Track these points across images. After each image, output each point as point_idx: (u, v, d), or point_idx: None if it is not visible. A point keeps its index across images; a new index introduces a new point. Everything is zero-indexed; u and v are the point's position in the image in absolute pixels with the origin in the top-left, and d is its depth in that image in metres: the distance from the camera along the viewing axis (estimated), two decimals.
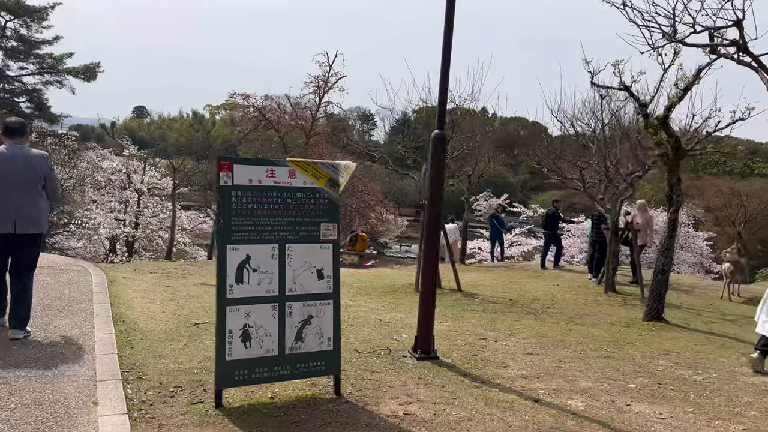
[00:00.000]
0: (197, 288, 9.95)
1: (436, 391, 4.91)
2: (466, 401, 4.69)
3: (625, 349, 6.90)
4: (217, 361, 4.34)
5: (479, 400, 4.75)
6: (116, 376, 4.82)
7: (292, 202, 4.61)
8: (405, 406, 4.55)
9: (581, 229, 30.06)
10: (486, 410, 4.51)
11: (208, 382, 4.92)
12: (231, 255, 4.39)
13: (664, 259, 8.75)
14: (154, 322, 6.93)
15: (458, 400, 4.71)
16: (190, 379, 4.97)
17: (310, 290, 4.65)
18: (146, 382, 4.80)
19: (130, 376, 4.93)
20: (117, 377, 4.80)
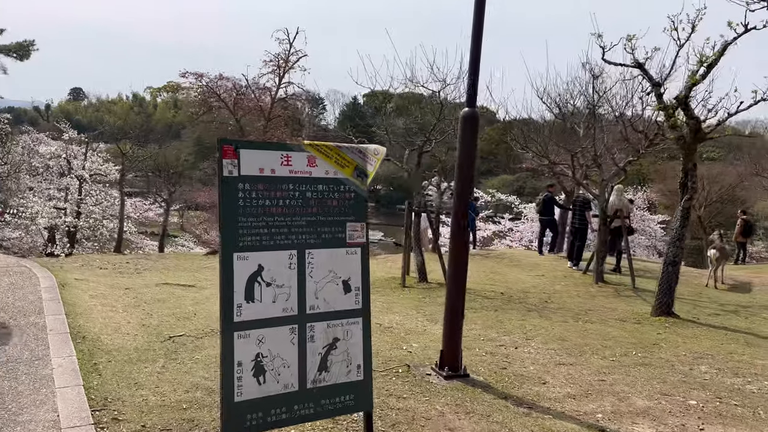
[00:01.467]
0: (161, 289, 8.81)
1: (483, 423, 4.09)
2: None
3: (655, 353, 6.27)
4: (223, 404, 3.37)
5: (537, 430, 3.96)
6: (86, 420, 3.78)
7: (312, 197, 3.66)
8: None
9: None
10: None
11: (203, 421, 3.94)
12: (239, 266, 3.42)
13: (675, 250, 8.19)
14: (121, 337, 5.84)
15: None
16: (179, 417, 3.98)
17: (334, 306, 3.73)
18: (125, 426, 3.79)
19: (103, 417, 3.90)
20: (87, 421, 3.77)
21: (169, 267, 13.24)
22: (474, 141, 4.85)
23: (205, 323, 6.69)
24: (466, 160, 4.84)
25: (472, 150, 4.85)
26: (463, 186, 4.86)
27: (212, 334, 6.18)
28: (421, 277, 10.79)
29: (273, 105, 21.84)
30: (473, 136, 4.84)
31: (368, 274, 3.84)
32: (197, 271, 12.46)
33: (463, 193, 4.85)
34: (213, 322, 6.77)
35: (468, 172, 4.85)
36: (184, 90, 25.50)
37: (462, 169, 4.85)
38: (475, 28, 4.72)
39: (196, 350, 5.59)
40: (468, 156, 4.84)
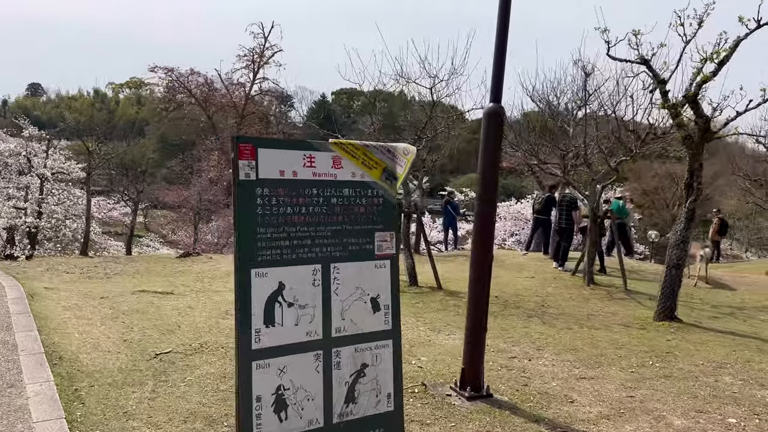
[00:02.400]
0: (138, 298, 8.19)
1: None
2: None
3: (672, 362, 5.98)
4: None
5: None
6: None
7: (337, 203, 3.20)
8: None
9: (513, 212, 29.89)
10: None
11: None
12: (257, 284, 2.94)
13: (679, 252, 7.96)
14: (102, 356, 5.27)
15: None
16: None
17: (362, 328, 3.28)
18: None
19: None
20: None
21: (140, 271, 12.56)
22: (499, 140, 4.45)
23: (192, 337, 6.14)
24: (490, 161, 4.43)
25: (496, 150, 4.45)
26: (487, 189, 4.45)
27: (202, 350, 5.65)
28: (411, 281, 10.39)
29: (247, 101, 21.14)
30: (498, 135, 4.44)
31: (398, 290, 3.40)
32: (171, 275, 11.80)
33: (488, 196, 4.44)
34: (200, 335, 6.23)
35: (492, 173, 4.44)
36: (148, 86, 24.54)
37: (486, 171, 4.44)
38: (502, 14, 4.32)
39: (188, 370, 5.06)
40: (492, 156, 4.43)
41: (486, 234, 4.48)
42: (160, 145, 49.24)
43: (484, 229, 4.48)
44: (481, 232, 4.49)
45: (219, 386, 4.69)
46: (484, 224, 4.48)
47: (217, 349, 5.75)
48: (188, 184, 29.64)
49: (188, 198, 28.32)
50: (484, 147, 4.42)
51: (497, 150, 4.45)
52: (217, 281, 10.70)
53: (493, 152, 4.42)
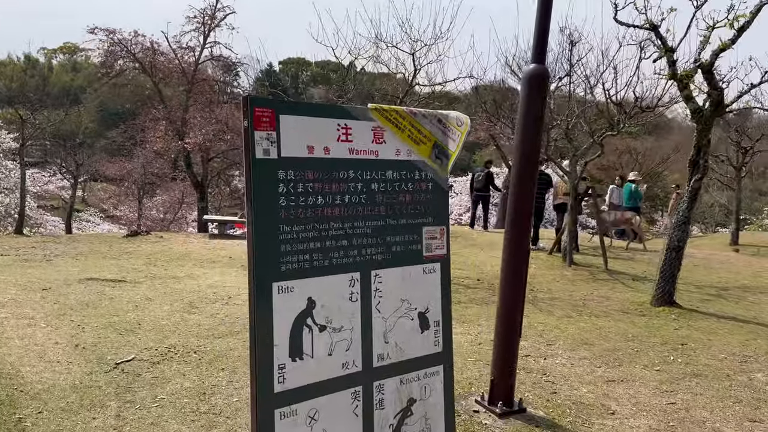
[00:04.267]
0: (86, 288, 7.17)
1: None
2: None
3: (692, 356, 5.51)
4: None
5: None
6: None
7: (379, 190, 2.41)
8: None
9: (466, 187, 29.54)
10: None
11: None
12: (281, 303, 2.14)
13: (680, 233, 7.51)
14: (50, 368, 4.34)
15: None
16: None
17: (409, 353, 2.53)
18: None
19: None
20: None
21: (84, 253, 11.37)
22: (542, 110, 3.72)
23: (156, 338, 5.25)
24: (530, 135, 3.70)
25: (538, 122, 3.72)
26: (525, 167, 3.72)
27: (171, 356, 4.78)
28: None
29: (197, 67, 19.69)
30: (541, 103, 3.70)
31: (450, 302, 2.65)
32: (120, 258, 10.70)
33: (526, 176, 3.72)
34: (166, 335, 5.35)
35: (532, 149, 3.72)
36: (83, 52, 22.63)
37: (524, 146, 3.71)
38: None
39: (157, 384, 4.20)
40: (532, 129, 3.70)
41: (522, 222, 3.77)
42: (99, 114, 46.40)
43: (521, 215, 3.77)
44: (516, 220, 3.78)
45: (198, 407, 3.87)
46: (520, 210, 3.76)
47: (188, 353, 4.89)
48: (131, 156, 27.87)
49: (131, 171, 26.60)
50: (523, 118, 3.68)
51: (539, 122, 3.71)
52: (172, 265, 9.70)
53: (534, 124, 3.69)
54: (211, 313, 6.25)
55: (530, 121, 3.68)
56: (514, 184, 3.75)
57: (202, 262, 10.11)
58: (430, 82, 9.15)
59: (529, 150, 3.71)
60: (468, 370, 4.80)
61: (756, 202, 31.90)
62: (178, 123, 18.61)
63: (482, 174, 15.61)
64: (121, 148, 31.63)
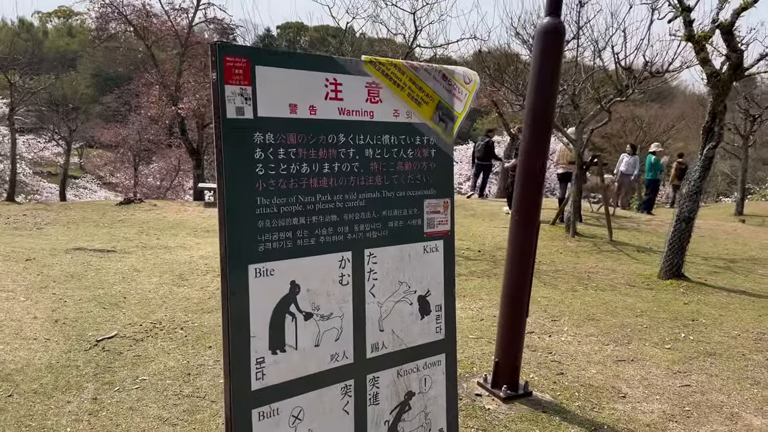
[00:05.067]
0: (72, 258, 6.90)
1: None
2: None
3: (705, 333, 5.26)
4: None
5: None
6: None
7: (374, 157, 2.09)
8: None
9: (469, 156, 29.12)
10: None
11: None
12: (259, 288, 1.84)
13: (692, 204, 7.20)
14: (26, 345, 4.08)
15: None
16: None
17: (407, 341, 2.24)
18: None
19: None
20: None
21: (76, 221, 11.10)
22: (557, 67, 3.37)
23: (141, 312, 4.99)
24: (543, 95, 3.36)
25: (553, 81, 3.37)
26: (537, 133, 3.40)
27: (155, 333, 4.53)
28: None
29: (191, 30, 19.08)
30: (556, 60, 3.35)
31: (454, 283, 2.35)
32: (112, 226, 10.42)
33: (538, 143, 3.39)
34: (152, 309, 5.09)
35: (545, 112, 3.38)
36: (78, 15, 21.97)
37: (536, 109, 3.37)
38: None
39: (139, 363, 3.95)
40: (548, 88, 3.36)
41: (533, 193, 3.46)
42: (94, 80, 45.59)
43: (531, 186, 3.45)
44: (525, 191, 3.46)
45: (182, 389, 3.61)
46: (530, 180, 3.45)
47: (174, 330, 4.63)
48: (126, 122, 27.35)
49: (126, 137, 26.13)
50: (535, 77, 3.34)
51: (553, 82, 3.37)
52: (164, 234, 9.42)
53: (548, 84, 3.34)
54: (201, 285, 5.98)
55: (544, 81, 3.33)
56: (524, 152, 3.43)
57: (196, 231, 9.83)
58: (431, 44, 8.72)
59: (542, 113, 3.37)
60: (469, 348, 4.55)
61: (759, 171, 31.51)
62: (172, 88, 18.12)
63: (482, 143, 15.50)
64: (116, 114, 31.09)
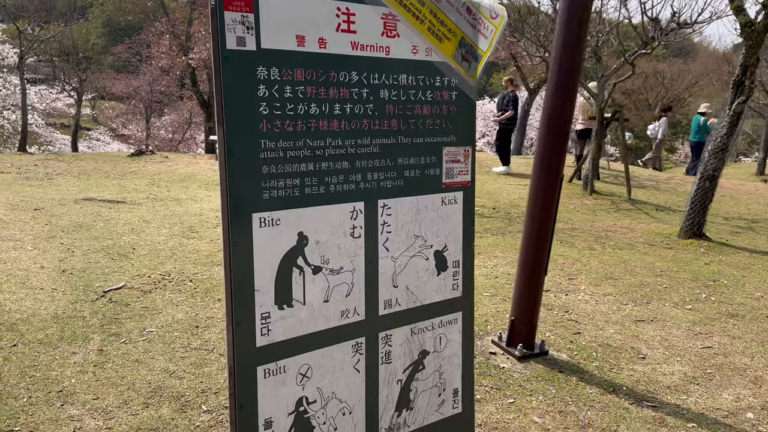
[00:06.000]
0: (82, 209, 6.82)
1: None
2: None
3: (726, 294, 5.11)
4: None
5: None
6: None
7: (390, 99, 1.92)
8: None
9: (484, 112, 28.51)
10: None
11: None
12: (264, 239, 1.70)
13: (716, 162, 6.94)
14: (32, 295, 4.02)
15: None
16: None
17: (421, 298, 2.11)
18: None
19: None
20: None
21: (87, 171, 11.04)
22: (589, 8, 3.12)
23: (150, 264, 4.92)
24: (573, 39, 3.13)
25: (583, 23, 3.13)
26: (565, 80, 3.18)
27: (164, 284, 4.45)
28: None
29: None
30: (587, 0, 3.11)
31: (473, 238, 2.20)
32: (123, 177, 10.35)
33: (564, 92, 3.18)
34: (161, 261, 5.01)
35: (574, 57, 3.15)
36: None
37: (562, 57, 3.15)
38: None
39: (147, 315, 3.88)
40: (576, 32, 3.12)
41: (558, 144, 3.26)
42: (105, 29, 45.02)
43: (556, 136, 3.25)
44: (551, 141, 3.27)
45: (190, 342, 3.54)
46: (555, 130, 3.25)
47: (183, 282, 4.56)
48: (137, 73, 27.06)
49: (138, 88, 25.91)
50: (563, 16, 3.10)
51: (583, 25, 3.13)
52: (175, 186, 9.33)
53: (576, 28, 3.11)
54: (211, 238, 5.89)
55: (572, 24, 3.09)
56: (550, 100, 3.22)
57: (207, 184, 9.73)
58: None
59: (569, 60, 3.14)
60: (483, 306, 4.44)
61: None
62: (183, 38, 17.76)
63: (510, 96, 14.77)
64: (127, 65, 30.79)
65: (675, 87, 23.89)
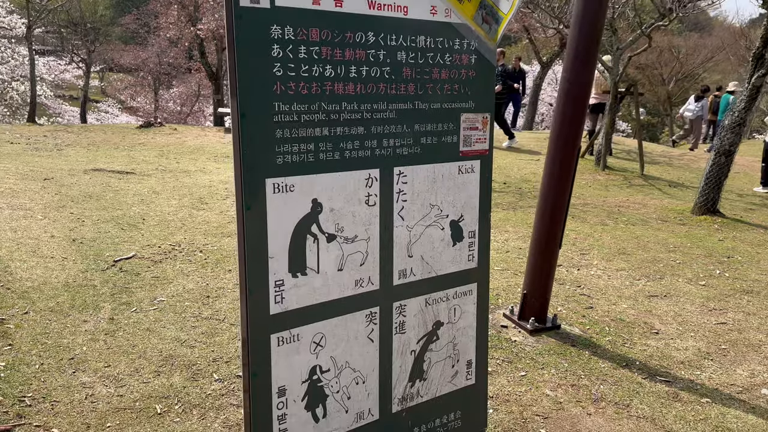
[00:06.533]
0: (91, 179, 6.81)
1: (626, 423, 2.69)
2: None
3: (741, 270, 5.05)
4: None
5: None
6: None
7: (407, 62, 1.85)
8: None
9: None
10: None
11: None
12: (278, 205, 1.66)
13: (733, 137, 6.82)
14: (43, 264, 4.02)
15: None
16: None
17: (437, 268, 2.07)
18: None
19: None
20: None
21: (96, 143, 11.01)
22: None
23: (160, 234, 4.91)
24: (591, 8, 3.03)
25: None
26: (586, 47, 3.09)
27: (174, 255, 4.44)
28: None
29: None
30: None
31: (489, 208, 2.15)
32: (132, 148, 10.31)
33: (584, 59, 3.09)
34: (171, 231, 5.00)
35: (595, 22, 3.06)
36: None
37: (582, 26, 3.05)
38: None
39: (158, 285, 3.87)
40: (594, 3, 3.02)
41: (576, 114, 3.19)
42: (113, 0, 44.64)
43: (575, 106, 3.18)
44: (568, 111, 3.19)
45: (201, 311, 3.54)
46: (574, 99, 3.17)
47: (193, 252, 4.55)
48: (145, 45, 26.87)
49: (146, 60, 25.75)
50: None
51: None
52: (184, 158, 9.29)
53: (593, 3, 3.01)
54: (221, 210, 5.87)
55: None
56: (567, 62, 3.13)
57: (216, 157, 9.68)
58: None
59: (590, 26, 3.05)
60: (494, 280, 4.40)
61: None
62: (191, 8, 17.56)
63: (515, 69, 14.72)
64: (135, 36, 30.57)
65: (690, 62, 23.44)
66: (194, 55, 20.88)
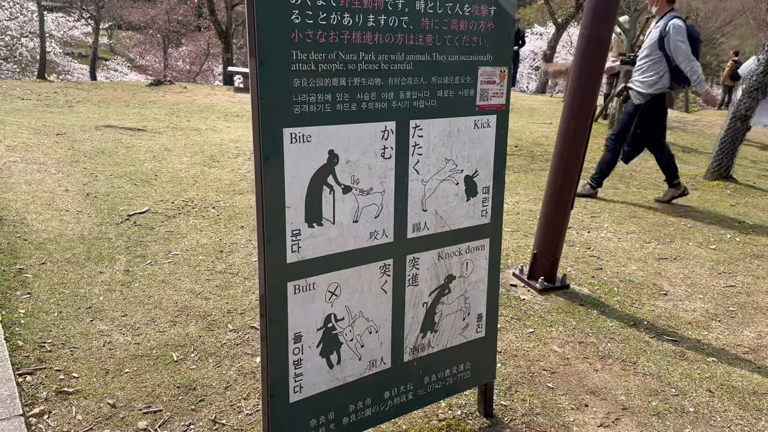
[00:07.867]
0: (103, 135, 6.83)
1: (632, 379, 2.74)
2: (699, 396, 2.58)
3: (751, 235, 5.04)
4: (269, 407, 1.81)
5: (718, 392, 2.66)
6: (9, 397, 2.17)
7: (425, 12, 1.83)
8: (612, 426, 2.37)
9: None
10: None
11: (213, 398, 2.42)
12: (295, 155, 1.67)
13: (750, 101, 6.72)
14: (58, 216, 4.07)
15: (687, 398, 2.58)
16: (173, 392, 2.42)
17: (450, 223, 2.09)
18: (80, 408, 2.22)
19: (39, 390, 2.30)
20: (11, 401, 2.17)
21: (106, 100, 10.99)
22: None
23: (173, 191, 4.95)
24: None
25: None
26: (604, 6, 3.03)
27: (187, 210, 4.48)
28: None
29: None
30: None
31: (504, 164, 2.16)
32: (142, 106, 10.30)
33: (606, 11, 3.04)
34: (184, 188, 5.03)
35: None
36: None
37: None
38: None
39: (171, 238, 3.92)
40: None
41: (594, 72, 3.15)
42: None
43: (589, 66, 3.14)
44: (583, 71, 3.15)
45: (215, 265, 3.59)
46: (589, 57, 3.13)
47: (206, 208, 4.59)
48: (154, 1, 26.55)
49: (155, 17, 25.48)
50: None
51: None
52: (194, 117, 9.28)
53: None
54: (232, 168, 5.89)
55: None
56: (586, 18, 3.08)
57: (226, 116, 9.66)
58: None
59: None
60: (504, 241, 4.42)
61: None
62: None
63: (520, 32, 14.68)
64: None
65: (708, 26, 22.87)
66: (203, 12, 20.61)
